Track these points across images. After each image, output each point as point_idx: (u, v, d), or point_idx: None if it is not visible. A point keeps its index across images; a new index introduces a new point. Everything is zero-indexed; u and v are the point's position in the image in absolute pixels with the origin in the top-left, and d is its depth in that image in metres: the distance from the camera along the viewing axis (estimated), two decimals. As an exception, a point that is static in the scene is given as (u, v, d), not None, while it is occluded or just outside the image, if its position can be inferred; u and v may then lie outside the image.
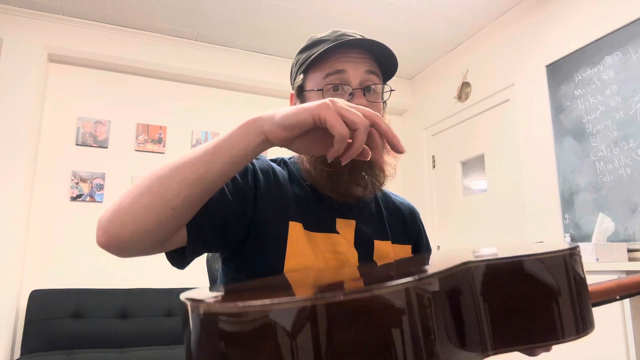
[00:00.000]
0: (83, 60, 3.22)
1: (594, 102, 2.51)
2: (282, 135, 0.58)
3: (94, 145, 3.20)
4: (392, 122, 0.87)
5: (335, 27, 0.87)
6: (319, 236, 0.79)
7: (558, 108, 2.72)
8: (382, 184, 0.83)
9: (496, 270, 0.53)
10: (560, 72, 2.72)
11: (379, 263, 0.74)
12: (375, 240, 0.85)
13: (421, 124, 3.94)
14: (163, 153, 3.38)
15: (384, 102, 0.87)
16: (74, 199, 3.09)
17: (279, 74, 3.66)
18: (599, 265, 2.00)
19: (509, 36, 3.12)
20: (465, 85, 3.47)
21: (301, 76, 0.85)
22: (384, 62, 0.84)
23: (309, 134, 0.60)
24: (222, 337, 0.34)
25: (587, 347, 1.96)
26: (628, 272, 1.87)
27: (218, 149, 0.60)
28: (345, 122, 0.55)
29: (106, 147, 3.23)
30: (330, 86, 0.80)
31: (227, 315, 0.33)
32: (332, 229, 0.81)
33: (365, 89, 0.81)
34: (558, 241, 2.56)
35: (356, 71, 0.80)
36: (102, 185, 3.16)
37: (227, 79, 3.56)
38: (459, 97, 3.52)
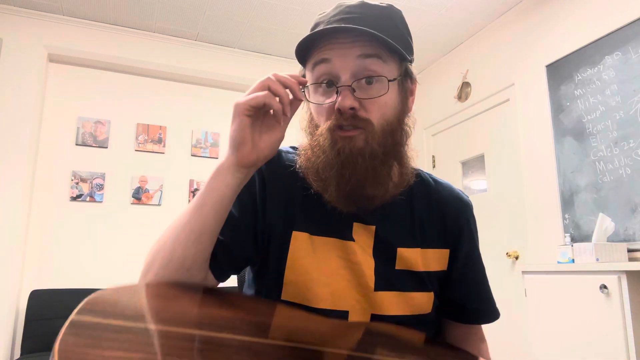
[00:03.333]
0: (83, 60, 3.22)
1: (594, 102, 2.51)
2: (248, 156, 0.63)
3: (94, 145, 3.20)
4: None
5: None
6: (330, 241, 0.72)
7: (558, 108, 2.72)
8: (387, 191, 0.71)
9: None
10: (560, 72, 2.72)
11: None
12: (398, 248, 0.74)
13: (421, 123, 3.94)
14: (163, 153, 3.38)
15: (404, 84, 0.72)
16: (74, 199, 3.09)
17: (279, 74, 3.66)
18: (599, 266, 2.00)
19: (509, 36, 3.12)
20: (465, 85, 3.47)
21: (300, 67, 0.75)
22: (388, 35, 0.67)
23: (260, 130, 0.64)
24: None
25: (587, 347, 1.96)
26: (628, 272, 1.87)
27: (205, 201, 0.64)
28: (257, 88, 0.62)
29: (106, 147, 3.23)
30: (322, 83, 0.69)
31: None
32: (346, 236, 0.72)
33: (365, 80, 0.66)
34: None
35: (345, 59, 0.66)
36: (102, 185, 3.16)
37: (227, 79, 3.56)
38: (459, 97, 3.52)
